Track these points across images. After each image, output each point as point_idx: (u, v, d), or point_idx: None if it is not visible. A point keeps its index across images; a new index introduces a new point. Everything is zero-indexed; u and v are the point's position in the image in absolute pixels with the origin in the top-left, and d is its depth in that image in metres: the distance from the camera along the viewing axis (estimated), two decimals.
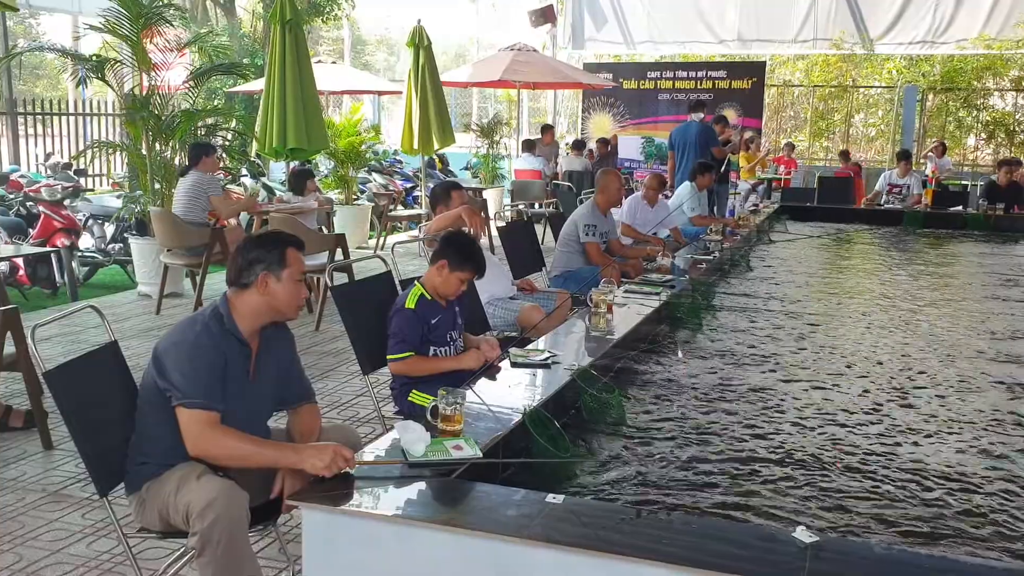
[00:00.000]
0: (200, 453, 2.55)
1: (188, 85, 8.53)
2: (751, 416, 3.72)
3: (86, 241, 8.85)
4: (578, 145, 14.40)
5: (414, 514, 2.28)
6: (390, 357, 3.58)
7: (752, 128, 15.57)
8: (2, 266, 7.31)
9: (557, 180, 13.20)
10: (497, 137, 14.80)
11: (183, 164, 7.98)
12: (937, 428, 3.69)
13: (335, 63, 16.59)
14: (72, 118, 14.71)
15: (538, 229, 8.03)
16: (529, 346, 4.01)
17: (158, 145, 8.08)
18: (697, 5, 17.34)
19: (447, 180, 10.48)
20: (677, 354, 4.56)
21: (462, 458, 2.52)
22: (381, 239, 11.08)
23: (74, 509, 3.72)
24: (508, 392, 3.29)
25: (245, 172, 11.53)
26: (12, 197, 9.35)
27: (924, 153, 15.72)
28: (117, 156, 12.77)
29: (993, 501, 2.98)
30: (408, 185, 14.25)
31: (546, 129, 14.76)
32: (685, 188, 8.87)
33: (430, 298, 3.64)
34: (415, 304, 3.59)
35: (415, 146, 10.22)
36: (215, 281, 7.58)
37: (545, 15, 17.53)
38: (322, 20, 20.30)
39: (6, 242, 7.85)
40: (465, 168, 16.40)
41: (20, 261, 7.57)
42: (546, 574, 2.10)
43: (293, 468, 2.50)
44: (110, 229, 8.93)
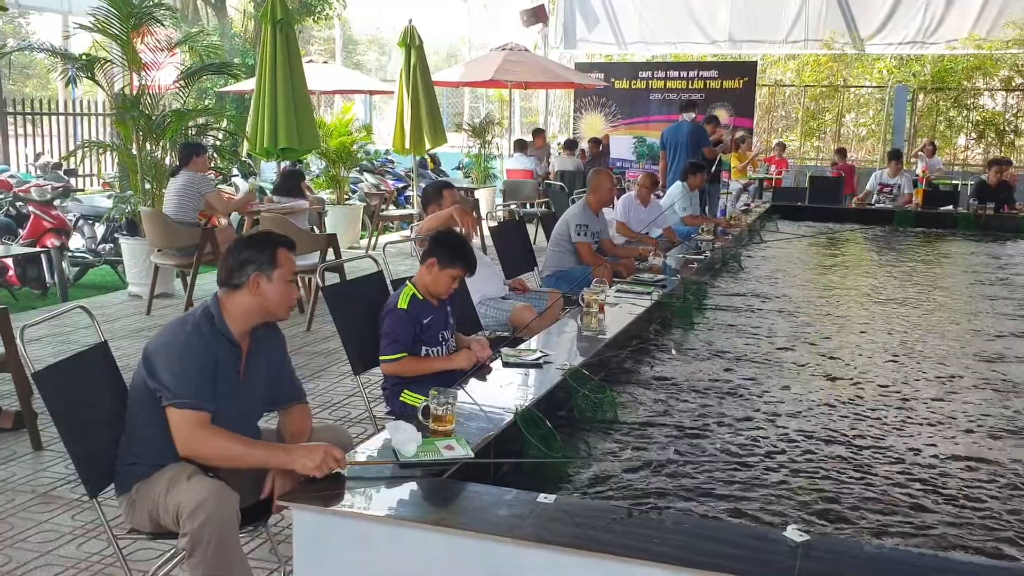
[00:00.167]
0: (190, 453, 2.54)
1: (179, 85, 8.50)
2: (742, 414, 3.73)
3: (76, 241, 8.82)
4: (570, 145, 14.40)
5: (405, 514, 2.27)
6: (382, 358, 3.57)
7: (743, 128, 15.59)
8: None
9: (549, 180, 13.20)
10: (489, 137, 14.80)
11: (174, 164, 7.96)
12: (928, 426, 3.70)
13: (326, 63, 16.56)
14: (62, 118, 14.64)
15: (530, 229, 8.04)
16: (521, 346, 4.01)
17: (148, 145, 8.06)
18: (688, 5, 17.37)
19: (439, 180, 10.48)
20: (671, 352, 4.57)
21: (453, 458, 2.52)
22: (373, 239, 11.07)
23: (64, 510, 3.71)
24: (500, 392, 3.29)
25: (236, 172, 11.50)
26: (2, 197, 9.30)
27: (915, 152, 15.77)
28: (107, 156, 12.71)
29: (983, 498, 2.99)
30: (400, 185, 14.24)
31: (537, 133, 14.77)
32: (676, 188, 8.88)
33: (422, 298, 3.63)
34: (407, 304, 3.59)
35: (407, 146, 10.22)
36: (206, 281, 7.55)
37: (537, 15, 17.54)
38: (313, 20, 20.27)
39: None
40: (457, 168, 16.40)
41: (10, 261, 7.53)
42: (537, 574, 2.10)
43: (284, 468, 2.50)
44: (100, 229, 8.90)
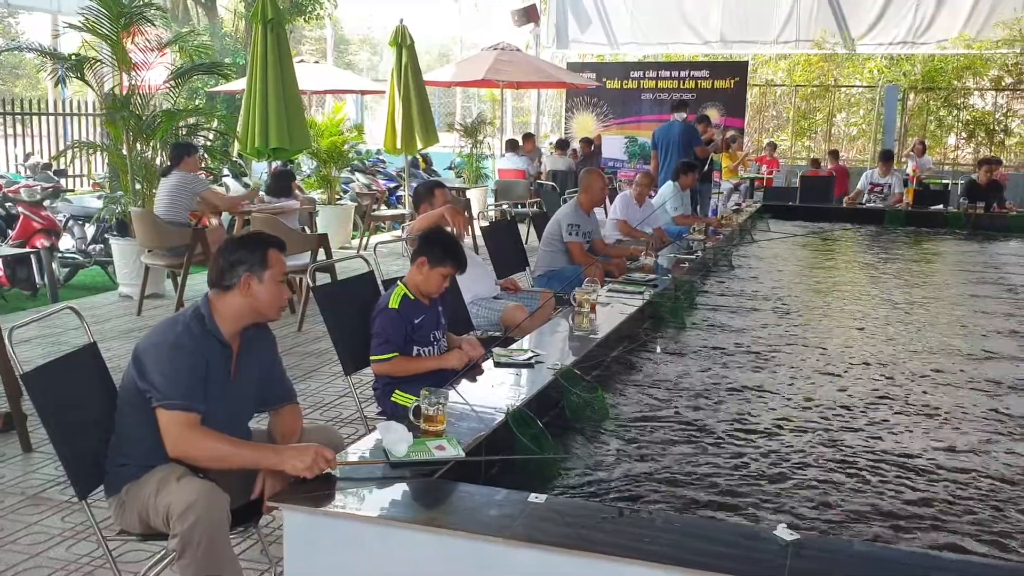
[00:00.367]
0: (180, 455, 2.53)
1: (169, 85, 8.47)
2: (733, 413, 3.74)
3: (66, 242, 8.79)
4: (562, 145, 14.41)
5: (396, 514, 2.27)
6: (373, 358, 3.57)
7: (734, 128, 15.63)
8: None
9: (541, 180, 13.20)
10: (481, 137, 14.80)
11: (164, 164, 7.93)
12: (917, 425, 3.71)
13: (317, 63, 16.52)
14: (52, 118, 14.55)
15: (522, 229, 8.03)
16: (512, 346, 4.01)
17: (139, 145, 8.03)
18: (680, 6, 17.40)
19: (430, 179, 10.46)
20: (658, 350, 4.57)
21: (444, 458, 2.52)
22: (364, 239, 11.06)
23: (54, 512, 3.69)
24: (491, 392, 3.29)
25: (227, 172, 11.47)
26: None
27: (906, 153, 15.80)
28: (98, 156, 12.67)
29: (972, 497, 3.00)
30: (391, 185, 14.22)
31: (527, 137, 14.76)
32: (668, 187, 8.89)
33: (413, 298, 3.63)
34: (398, 304, 3.58)
35: (398, 146, 10.21)
36: (197, 282, 7.52)
37: (528, 14, 17.55)
38: (304, 19, 20.22)
39: None
40: (449, 168, 16.38)
41: None
42: (528, 573, 2.10)
43: (274, 469, 2.49)
44: (91, 230, 8.87)
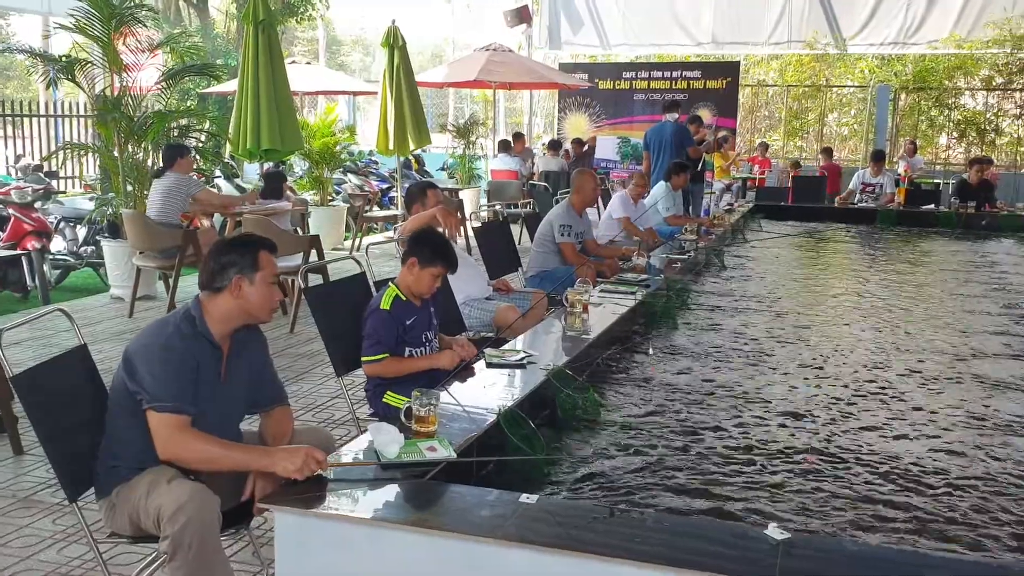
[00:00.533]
0: (170, 457, 2.53)
1: (160, 86, 8.45)
2: (724, 413, 3.74)
3: (57, 244, 8.76)
4: (554, 145, 14.42)
5: (387, 516, 2.27)
6: (364, 359, 3.56)
7: (726, 128, 15.64)
8: None
9: (534, 180, 13.20)
10: (473, 137, 14.79)
11: (156, 166, 7.91)
12: (908, 423, 3.72)
13: (309, 63, 16.50)
14: (43, 119, 14.52)
15: (515, 229, 8.02)
16: (504, 346, 4.00)
17: (130, 147, 8.01)
18: (672, 8, 17.42)
19: (423, 180, 10.45)
20: (649, 352, 4.57)
21: (435, 459, 2.52)
22: (357, 240, 11.04)
23: (45, 515, 3.68)
24: (483, 393, 3.28)
25: (218, 174, 11.45)
26: None
27: (900, 155, 15.82)
28: (89, 158, 12.63)
29: (963, 495, 3.01)
30: (384, 186, 14.21)
31: (517, 137, 14.76)
32: (660, 188, 8.90)
33: (405, 299, 3.62)
34: (390, 305, 3.57)
35: (390, 147, 10.19)
36: (188, 283, 7.51)
37: (520, 15, 17.55)
38: (296, 20, 20.19)
39: None
40: (441, 168, 16.37)
41: None
42: (520, 574, 2.10)
43: (265, 471, 2.48)
44: (82, 232, 8.84)
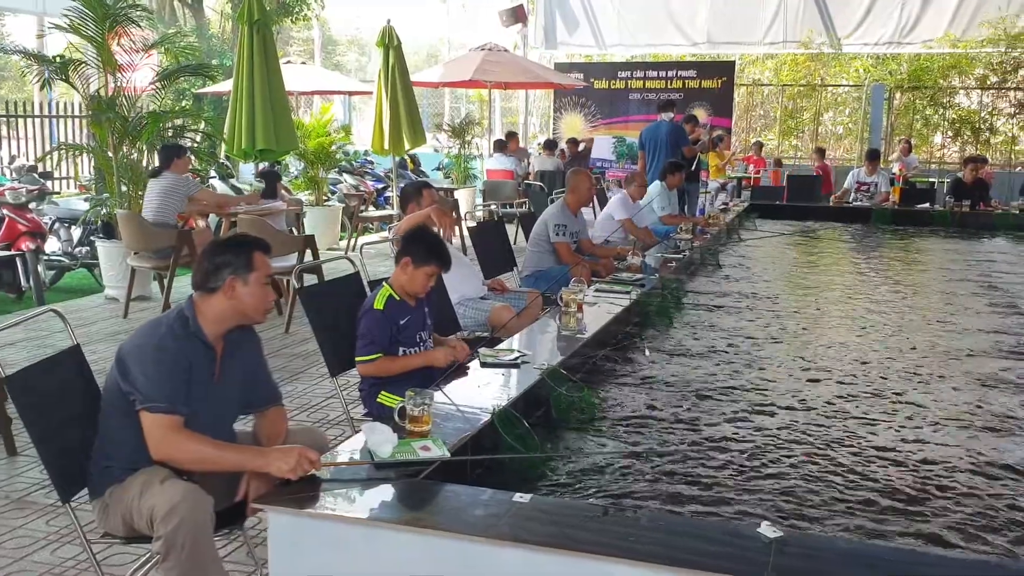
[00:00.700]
0: (163, 457, 2.52)
1: (155, 86, 8.44)
2: (718, 411, 3.75)
3: (52, 244, 8.75)
4: (550, 145, 14.42)
5: (381, 515, 2.27)
6: (358, 359, 3.56)
7: (722, 127, 15.66)
8: None
9: (529, 180, 13.20)
10: (469, 137, 14.78)
11: (152, 166, 7.90)
12: (900, 422, 3.73)
13: (304, 63, 16.48)
14: (37, 120, 14.50)
15: (510, 229, 8.03)
16: (499, 346, 4.01)
17: (125, 147, 8.00)
18: (668, 7, 17.43)
19: (418, 180, 10.45)
20: (645, 352, 4.58)
21: (429, 458, 2.52)
22: (353, 240, 11.03)
23: (38, 516, 3.67)
24: (477, 392, 3.28)
25: (213, 174, 11.44)
26: None
27: (896, 156, 15.80)
28: (84, 159, 12.60)
29: (956, 493, 3.01)
30: (379, 186, 14.20)
31: (511, 136, 14.77)
32: (655, 187, 8.90)
33: (399, 299, 3.62)
34: (383, 305, 3.57)
35: (385, 146, 10.18)
36: (183, 284, 7.45)
37: (516, 15, 17.55)
38: (291, 20, 20.16)
39: None
40: (437, 168, 16.36)
41: None
42: (514, 573, 2.11)
43: (258, 471, 2.48)
44: (77, 232, 8.83)
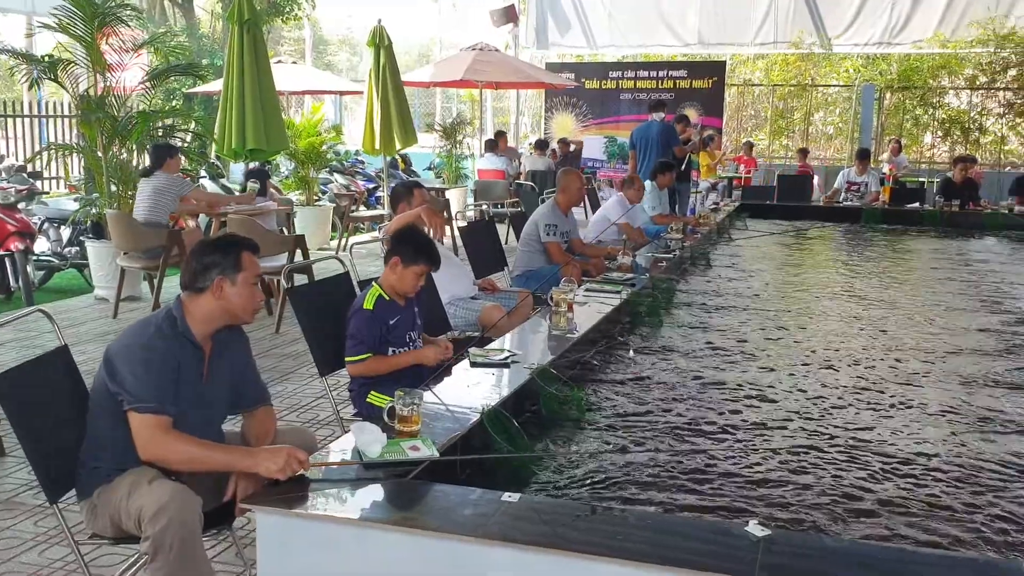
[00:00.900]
0: (151, 458, 2.52)
1: (145, 86, 8.41)
2: (707, 410, 3.75)
3: (41, 245, 8.71)
4: (541, 145, 14.42)
5: (370, 515, 2.27)
6: (348, 359, 3.55)
7: (713, 127, 15.69)
8: None
9: (520, 180, 13.20)
10: (460, 137, 14.77)
11: (142, 166, 7.87)
12: (892, 420, 3.74)
13: (295, 63, 16.46)
14: (27, 120, 14.45)
15: (501, 229, 8.01)
16: (489, 345, 4.00)
17: (114, 147, 7.97)
18: (658, 7, 17.46)
19: (409, 179, 10.44)
20: (630, 352, 4.58)
21: (418, 458, 2.52)
22: (343, 240, 11.02)
23: (26, 517, 3.66)
24: (467, 392, 3.28)
25: (203, 174, 11.40)
26: None
27: (886, 156, 15.85)
28: (73, 158, 12.55)
29: (943, 492, 3.03)
30: (370, 186, 14.18)
31: (499, 136, 14.78)
32: (646, 187, 8.91)
33: (388, 299, 3.62)
34: (373, 305, 3.57)
35: (376, 146, 10.18)
36: (173, 284, 7.45)
37: (507, 15, 17.55)
38: (282, 20, 20.12)
39: None
40: (428, 168, 16.35)
41: None
42: (503, 572, 2.11)
43: (247, 471, 2.48)
44: (66, 232, 8.79)
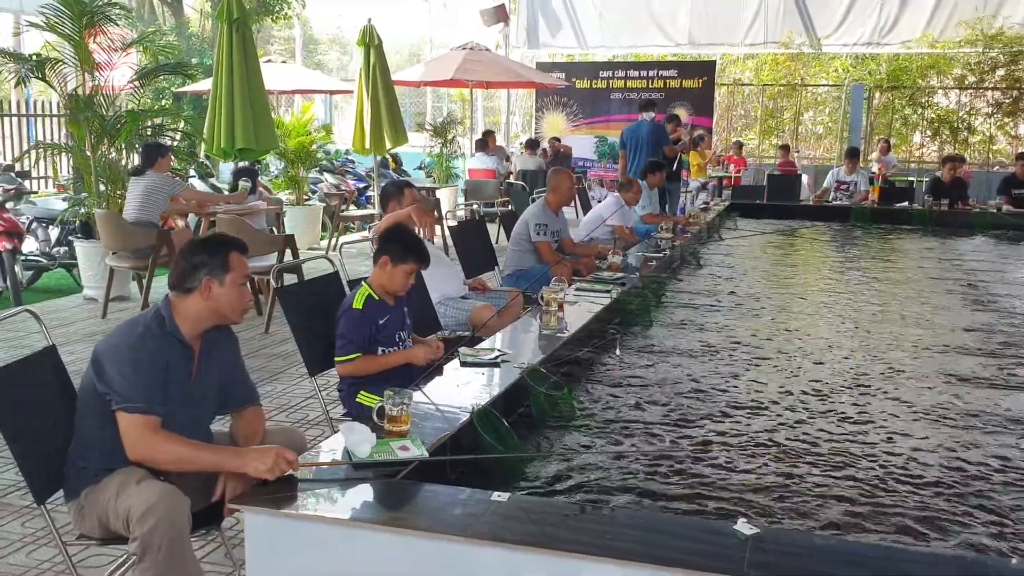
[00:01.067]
0: (140, 458, 2.51)
1: (134, 85, 8.38)
2: (696, 409, 3.76)
3: (30, 245, 8.66)
4: (532, 144, 14.42)
5: (359, 515, 2.26)
6: (337, 359, 3.55)
7: (703, 127, 15.72)
8: None
9: (511, 179, 13.20)
10: (450, 136, 14.76)
11: (132, 165, 7.84)
12: (881, 419, 3.75)
13: (285, 62, 16.42)
14: (15, 119, 14.39)
15: (492, 228, 8.02)
16: (479, 345, 4.00)
17: (103, 146, 7.94)
18: (649, 8, 17.48)
19: (399, 179, 10.44)
20: (616, 350, 4.59)
21: (407, 458, 2.51)
22: (334, 239, 11.00)
23: (13, 518, 3.64)
24: (457, 392, 3.27)
25: (193, 173, 11.36)
26: None
27: (876, 155, 15.90)
28: (62, 158, 12.50)
29: (933, 490, 3.04)
30: (361, 185, 14.16)
31: (488, 135, 14.78)
32: None
33: (378, 298, 3.61)
34: (362, 304, 3.56)
35: (367, 146, 10.15)
36: (162, 284, 7.41)
37: (497, 15, 17.56)
38: (272, 19, 20.06)
39: None
40: (419, 168, 16.33)
41: None
42: (493, 572, 2.11)
43: (235, 471, 2.47)
44: (55, 232, 8.76)
